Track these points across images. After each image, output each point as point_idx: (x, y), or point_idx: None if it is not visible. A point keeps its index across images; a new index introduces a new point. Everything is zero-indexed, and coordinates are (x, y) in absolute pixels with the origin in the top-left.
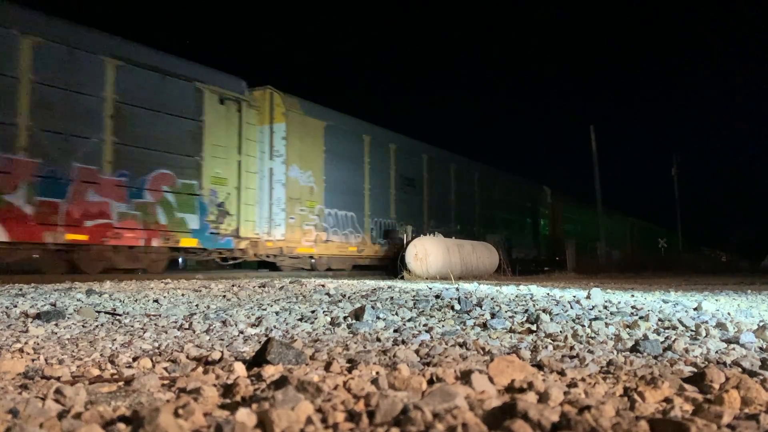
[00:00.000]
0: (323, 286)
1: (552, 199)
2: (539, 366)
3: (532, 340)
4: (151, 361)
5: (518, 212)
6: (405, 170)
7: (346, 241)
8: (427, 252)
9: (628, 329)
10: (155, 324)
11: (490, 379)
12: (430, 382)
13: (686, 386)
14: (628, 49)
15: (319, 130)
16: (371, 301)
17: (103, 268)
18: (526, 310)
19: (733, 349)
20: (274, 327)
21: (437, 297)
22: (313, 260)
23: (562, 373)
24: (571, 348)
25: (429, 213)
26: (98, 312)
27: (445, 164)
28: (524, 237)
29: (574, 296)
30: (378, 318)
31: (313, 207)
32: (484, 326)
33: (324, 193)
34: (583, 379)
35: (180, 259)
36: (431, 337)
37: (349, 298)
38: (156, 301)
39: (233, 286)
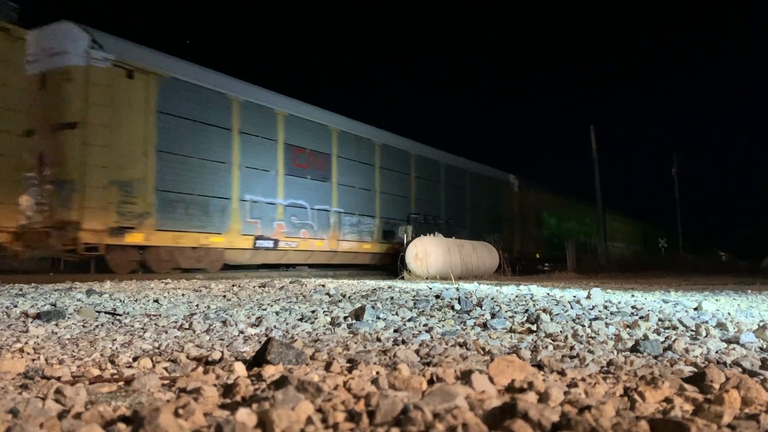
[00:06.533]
0: (323, 286)
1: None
2: (539, 366)
3: (532, 340)
4: (152, 361)
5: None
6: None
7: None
8: (427, 252)
9: (628, 329)
10: (155, 324)
11: (491, 379)
12: (431, 382)
13: (686, 386)
14: (629, 49)
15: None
16: (371, 301)
17: None
18: (526, 310)
19: (734, 349)
20: (275, 327)
21: (437, 297)
22: None
23: (562, 373)
24: (572, 348)
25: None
26: (98, 312)
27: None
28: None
29: (574, 296)
30: (378, 318)
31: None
32: (485, 326)
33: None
34: (583, 379)
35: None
36: (431, 337)
37: (349, 298)
38: (156, 301)
39: (233, 286)
